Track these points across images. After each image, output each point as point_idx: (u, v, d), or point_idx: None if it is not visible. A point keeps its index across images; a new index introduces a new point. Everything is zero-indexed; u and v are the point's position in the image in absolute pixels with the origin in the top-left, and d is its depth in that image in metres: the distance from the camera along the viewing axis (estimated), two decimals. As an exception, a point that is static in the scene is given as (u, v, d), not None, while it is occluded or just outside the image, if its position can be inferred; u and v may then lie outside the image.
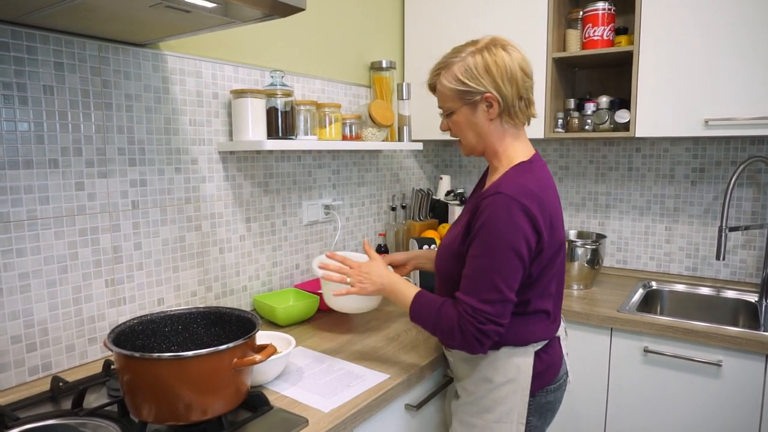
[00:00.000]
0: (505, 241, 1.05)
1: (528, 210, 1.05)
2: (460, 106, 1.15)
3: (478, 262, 1.07)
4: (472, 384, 1.20)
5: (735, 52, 1.63)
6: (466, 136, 1.18)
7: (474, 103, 1.13)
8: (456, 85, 1.13)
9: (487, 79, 1.11)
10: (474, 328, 1.06)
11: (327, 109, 1.66)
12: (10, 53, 1.10)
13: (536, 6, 1.91)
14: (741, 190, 1.97)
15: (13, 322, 1.14)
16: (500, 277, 1.06)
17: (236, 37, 1.56)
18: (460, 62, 1.12)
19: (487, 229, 1.06)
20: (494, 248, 1.05)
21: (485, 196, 1.09)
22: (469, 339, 1.07)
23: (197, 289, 1.51)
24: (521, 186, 1.08)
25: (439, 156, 2.61)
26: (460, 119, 1.17)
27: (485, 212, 1.07)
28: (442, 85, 1.16)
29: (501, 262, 1.05)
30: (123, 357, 0.89)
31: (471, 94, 1.12)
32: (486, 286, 1.06)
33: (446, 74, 1.14)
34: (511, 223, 1.05)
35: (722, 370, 1.51)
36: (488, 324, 1.06)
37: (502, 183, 1.09)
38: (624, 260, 2.22)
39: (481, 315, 1.06)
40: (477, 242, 1.08)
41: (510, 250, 1.05)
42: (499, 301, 1.06)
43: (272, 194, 1.71)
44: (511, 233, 1.05)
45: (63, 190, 1.20)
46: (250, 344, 0.97)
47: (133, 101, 1.31)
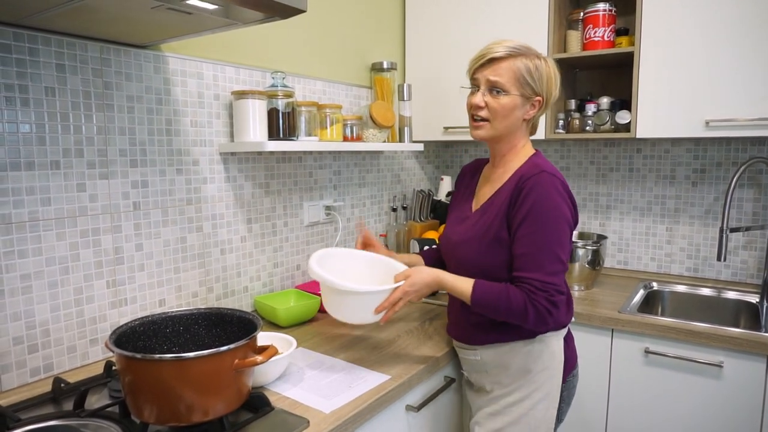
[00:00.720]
0: (559, 213, 1.13)
1: (566, 186, 1.17)
2: (517, 93, 1.19)
3: (536, 238, 1.12)
4: (509, 377, 1.24)
5: (736, 53, 1.63)
6: (501, 121, 1.21)
7: (527, 98, 1.21)
8: (526, 74, 1.18)
9: (545, 86, 1.21)
10: (547, 301, 1.10)
11: (328, 110, 1.66)
12: (12, 55, 1.10)
13: (537, 7, 1.91)
14: (742, 191, 1.97)
15: (14, 323, 1.14)
16: (560, 247, 1.13)
17: (237, 38, 1.56)
18: (536, 59, 1.20)
19: (540, 205, 1.12)
20: (551, 221, 1.12)
21: (528, 176, 1.15)
22: (543, 314, 1.11)
23: (198, 290, 1.51)
24: (553, 168, 1.19)
25: (439, 157, 2.61)
26: (507, 103, 1.20)
27: (535, 190, 1.13)
28: (515, 65, 1.18)
29: (559, 233, 1.13)
30: (124, 358, 0.89)
31: (530, 90, 1.20)
32: (549, 259, 1.12)
33: (525, 60, 1.19)
34: (560, 196, 1.14)
35: (723, 371, 1.51)
36: (557, 295, 1.11)
37: (538, 164, 1.18)
38: (625, 261, 2.21)
39: (550, 287, 1.11)
40: (531, 220, 1.12)
41: (564, 221, 1.14)
42: (561, 271, 1.14)
43: (273, 195, 1.72)
44: (562, 206, 1.14)
45: (64, 192, 1.20)
46: (252, 345, 0.97)
47: (134, 102, 1.32)
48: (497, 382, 1.26)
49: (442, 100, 2.15)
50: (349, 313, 1.22)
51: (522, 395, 1.23)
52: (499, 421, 1.24)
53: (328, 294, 1.23)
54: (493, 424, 1.25)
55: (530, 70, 1.18)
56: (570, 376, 1.29)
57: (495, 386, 1.26)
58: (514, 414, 1.23)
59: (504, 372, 1.25)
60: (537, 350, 1.22)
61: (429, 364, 1.30)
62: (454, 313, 1.34)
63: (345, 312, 1.22)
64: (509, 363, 1.23)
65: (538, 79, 1.19)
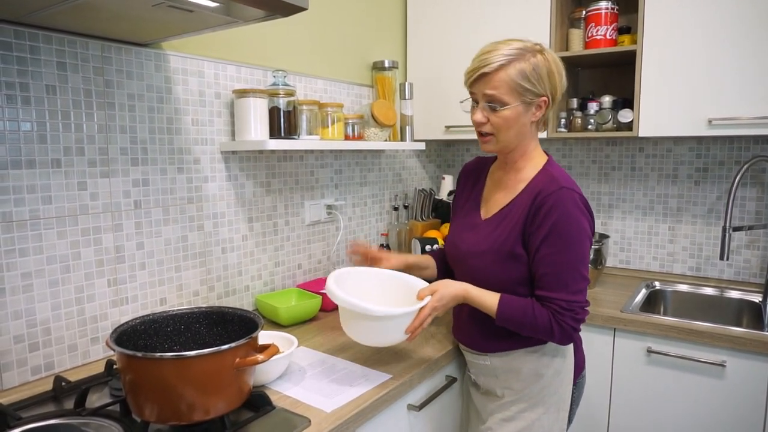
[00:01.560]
0: (582, 231, 1.11)
1: (584, 200, 1.14)
2: (516, 103, 1.13)
3: (561, 257, 1.10)
4: (520, 382, 1.23)
5: (738, 52, 1.62)
6: (508, 133, 1.16)
7: (529, 104, 1.14)
8: (522, 80, 1.11)
9: (547, 84, 1.13)
10: (572, 320, 1.11)
11: (329, 108, 1.66)
12: (13, 53, 1.10)
13: (539, 5, 1.91)
14: (745, 190, 1.96)
15: (15, 321, 1.14)
16: (583, 264, 1.13)
17: (239, 36, 1.56)
18: (530, 58, 1.11)
19: (563, 225, 1.10)
20: (574, 240, 1.10)
21: (548, 193, 1.11)
22: (568, 331, 1.11)
23: (199, 289, 1.51)
24: (570, 179, 1.16)
25: (441, 156, 2.61)
26: (509, 115, 1.13)
27: (556, 208, 1.10)
28: (509, 76, 1.10)
29: (582, 251, 1.12)
30: (125, 357, 0.89)
31: (531, 94, 1.13)
32: (574, 278, 1.11)
33: (516, 65, 1.10)
34: (581, 213, 1.11)
35: (726, 371, 1.50)
36: (582, 312, 1.12)
37: (555, 178, 1.14)
38: (627, 260, 2.21)
39: (576, 305, 1.11)
40: (553, 239, 1.10)
41: (587, 238, 1.13)
42: (585, 288, 1.13)
43: (274, 194, 1.71)
44: (583, 222, 1.12)
45: (65, 190, 1.20)
46: (253, 344, 0.97)
47: (135, 101, 1.31)
48: (508, 387, 1.24)
49: (444, 99, 2.15)
50: (378, 337, 1.16)
51: (535, 400, 1.22)
52: (513, 426, 1.22)
53: (353, 319, 1.14)
54: (506, 430, 1.23)
55: (526, 75, 1.10)
56: (580, 378, 1.30)
57: (506, 391, 1.25)
58: (527, 419, 1.21)
59: (515, 377, 1.23)
60: (549, 355, 1.21)
61: (430, 363, 1.29)
62: (462, 319, 1.31)
63: (372, 336, 1.16)
64: (520, 368, 1.22)
65: (538, 80, 1.11)
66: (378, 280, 1.29)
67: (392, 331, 1.14)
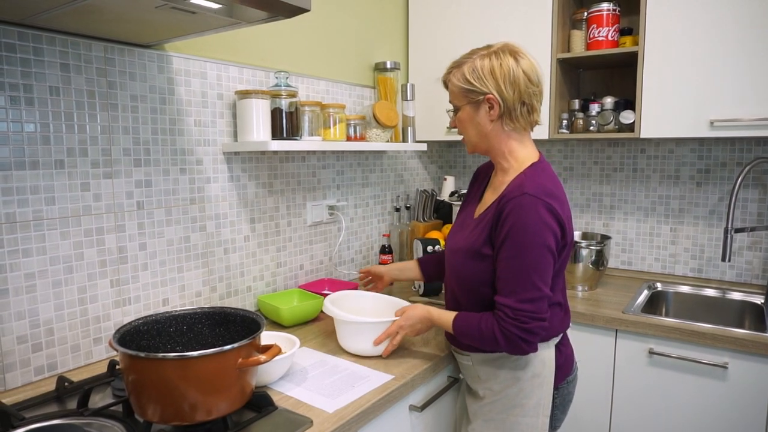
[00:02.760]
0: (538, 239, 1.09)
1: (552, 208, 1.11)
2: (464, 104, 1.21)
3: (513, 263, 1.10)
4: (499, 383, 1.22)
5: (740, 53, 1.62)
6: (468, 132, 1.24)
7: (477, 103, 1.19)
8: (462, 83, 1.19)
9: (490, 81, 1.16)
10: (517, 329, 1.09)
11: (331, 109, 1.66)
12: (17, 54, 1.10)
13: (541, 7, 1.91)
14: (747, 191, 1.96)
15: (18, 322, 1.14)
16: (537, 274, 1.10)
17: (241, 38, 1.56)
18: (470, 63, 1.19)
19: (517, 230, 1.09)
20: (528, 247, 1.09)
21: (510, 198, 1.12)
22: (514, 340, 1.10)
23: (202, 290, 1.51)
24: (542, 186, 1.13)
25: (443, 157, 2.61)
26: (463, 116, 1.22)
27: (513, 214, 1.10)
28: (452, 83, 1.22)
29: (536, 259, 1.09)
30: (128, 357, 0.89)
31: (474, 94, 1.18)
32: (524, 286, 1.09)
33: (457, 72, 1.21)
34: (540, 221, 1.09)
35: (728, 372, 1.50)
36: (531, 322, 1.09)
37: (524, 183, 1.13)
38: (629, 261, 2.21)
39: (522, 314, 1.09)
40: (508, 244, 1.11)
41: (543, 247, 1.10)
42: (538, 298, 1.10)
43: (276, 195, 1.72)
44: (541, 231, 1.09)
45: (69, 191, 1.20)
46: (255, 344, 0.97)
47: (138, 102, 1.32)
48: (488, 388, 1.24)
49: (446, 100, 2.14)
50: (352, 343, 1.32)
51: (512, 403, 1.21)
52: (492, 427, 1.22)
53: (337, 327, 1.35)
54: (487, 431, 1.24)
55: (466, 77, 1.18)
56: (563, 383, 1.27)
57: (487, 392, 1.24)
58: (506, 422, 1.21)
59: (494, 378, 1.23)
60: (525, 358, 1.20)
61: (432, 364, 1.29)
62: None
63: (348, 342, 1.33)
64: (498, 370, 1.22)
65: (479, 78, 1.16)
66: (373, 301, 1.50)
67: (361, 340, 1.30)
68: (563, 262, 1.21)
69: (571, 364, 1.30)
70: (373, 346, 1.30)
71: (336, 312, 1.31)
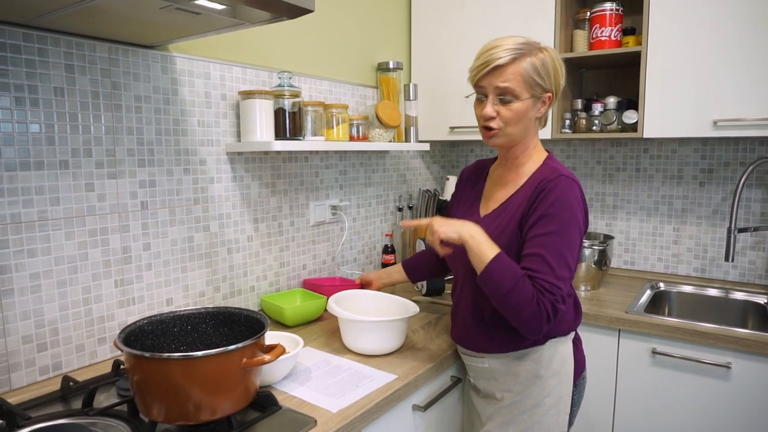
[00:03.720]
0: (575, 219, 1.10)
1: (582, 192, 1.15)
2: (527, 96, 1.14)
3: (551, 240, 1.08)
4: (519, 383, 1.21)
5: (744, 53, 1.62)
6: (515, 126, 1.17)
7: (537, 99, 1.16)
8: (534, 74, 1.13)
9: (554, 80, 1.16)
10: (551, 305, 1.06)
11: (334, 109, 1.66)
12: (22, 55, 1.11)
13: (543, 6, 1.91)
14: (750, 191, 1.96)
15: (24, 322, 1.15)
16: (571, 254, 1.09)
17: (244, 38, 1.57)
18: (538, 54, 1.14)
19: (559, 207, 1.09)
20: (567, 225, 1.09)
21: (549, 179, 1.12)
22: (542, 316, 1.05)
23: (205, 290, 1.51)
24: (570, 172, 1.16)
25: (445, 157, 2.61)
26: (520, 108, 1.14)
27: (554, 192, 1.10)
28: (522, 68, 1.12)
29: (572, 239, 1.09)
30: (133, 357, 0.89)
31: (540, 90, 1.15)
32: (560, 263, 1.07)
33: (525, 60, 1.12)
34: (576, 202, 1.11)
35: (731, 372, 1.50)
36: (561, 301, 1.07)
37: (556, 168, 1.16)
38: (632, 261, 2.21)
39: (558, 293, 1.06)
40: (547, 221, 1.09)
41: (576, 227, 1.10)
42: (569, 279, 1.09)
43: (280, 195, 1.72)
44: (577, 212, 1.11)
45: (73, 191, 1.21)
46: (259, 344, 0.98)
47: (142, 102, 1.32)
48: (507, 389, 1.23)
49: (448, 100, 2.15)
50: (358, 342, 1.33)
51: (534, 402, 1.20)
52: (513, 429, 1.21)
53: (342, 326, 1.36)
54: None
55: (537, 69, 1.13)
56: (580, 379, 1.28)
57: (505, 394, 1.23)
58: (527, 422, 1.20)
59: (514, 379, 1.22)
60: (547, 356, 1.19)
61: (435, 363, 1.29)
62: (461, 319, 1.29)
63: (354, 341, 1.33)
64: (519, 370, 1.21)
65: (546, 75, 1.14)
66: (375, 300, 1.51)
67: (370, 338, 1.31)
68: None
69: (584, 359, 1.31)
70: (377, 345, 1.30)
71: (340, 312, 1.32)
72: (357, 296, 1.50)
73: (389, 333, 1.31)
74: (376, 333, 1.30)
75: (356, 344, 1.32)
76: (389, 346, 1.32)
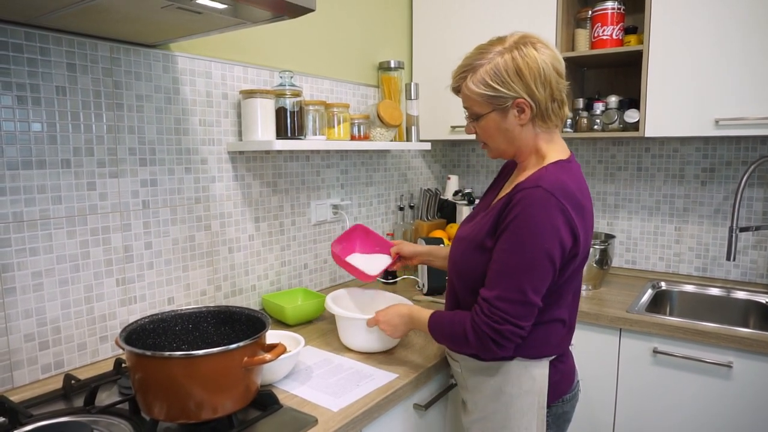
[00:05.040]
0: (539, 240, 0.97)
1: (566, 210, 0.98)
2: (488, 112, 1.07)
3: (504, 257, 1.00)
4: (484, 399, 1.14)
5: (745, 52, 1.61)
6: (495, 141, 1.11)
7: (504, 109, 1.05)
8: (484, 90, 1.04)
9: (518, 83, 1.02)
10: (488, 327, 1.00)
11: (335, 109, 1.66)
12: (24, 54, 1.11)
13: (545, 5, 1.91)
14: (752, 190, 1.95)
15: (26, 320, 1.15)
16: (526, 278, 0.98)
17: (246, 37, 1.57)
18: (487, 64, 1.04)
19: (520, 224, 0.98)
20: (526, 246, 0.98)
21: (521, 188, 1.01)
22: (484, 339, 1.01)
23: (207, 289, 1.52)
24: (561, 184, 1.00)
25: (446, 156, 2.61)
26: (488, 125, 1.09)
27: (520, 204, 0.99)
28: (469, 90, 1.07)
29: (531, 262, 0.98)
30: (135, 355, 0.89)
31: (501, 99, 1.04)
32: (509, 285, 0.99)
33: (473, 77, 1.05)
34: (548, 221, 0.97)
35: (733, 372, 1.50)
36: (504, 324, 0.99)
37: (541, 177, 1.02)
38: (633, 260, 2.20)
39: (496, 314, 0.99)
40: (507, 236, 1.00)
41: (542, 253, 0.98)
42: (519, 302, 0.99)
43: (281, 194, 1.72)
44: (547, 233, 0.97)
45: (75, 190, 1.21)
46: (260, 343, 0.98)
47: (143, 102, 1.32)
48: (474, 401, 1.16)
49: (450, 99, 2.14)
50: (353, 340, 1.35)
51: (500, 421, 1.11)
52: None
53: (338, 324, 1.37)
54: None
55: (487, 81, 1.03)
56: (558, 402, 1.14)
57: (473, 406, 1.16)
58: None
59: (478, 391, 1.14)
60: (514, 373, 1.09)
61: (436, 363, 1.30)
62: None
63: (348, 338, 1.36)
64: (484, 381, 1.13)
65: (502, 83, 1.02)
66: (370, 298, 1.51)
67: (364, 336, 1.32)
68: (574, 276, 1.08)
69: (569, 381, 1.17)
70: (372, 343, 1.32)
71: (336, 309, 1.33)
72: (355, 294, 1.51)
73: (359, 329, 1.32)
74: (372, 331, 1.30)
75: (353, 342, 1.34)
76: (385, 344, 1.33)
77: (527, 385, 1.09)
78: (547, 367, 1.11)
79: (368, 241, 1.57)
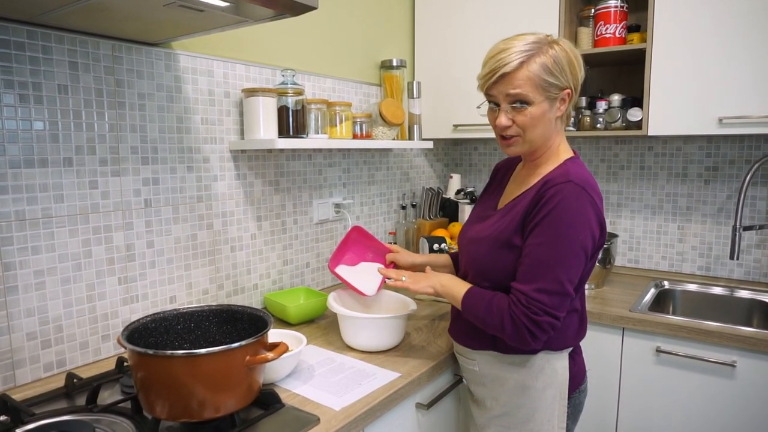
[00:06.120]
0: (574, 232, 1.02)
1: (594, 203, 1.04)
2: (541, 99, 1.06)
3: (541, 250, 1.03)
4: (506, 394, 1.16)
5: (749, 50, 1.61)
6: (535, 131, 1.09)
7: (553, 99, 1.08)
8: (546, 75, 1.04)
9: (569, 74, 1.07)
10: (527, 318, 1.02)
11: (338, 107, 1.66)
12: (26, 53, 1.11)
13: (548, 4, 1.90)
14: (755, 189, 1.95)
15: (28, 318, 1.15)
16: (563, 269, 1.02)
17: (248, 36, 1.56)
18: (545, 52, 1.05)
19: (555, 217, 1.02)
20: (562, 238, 1.02)
21: (554, 183, 1.04)
22: (521, 330, 1.02)
23: (209, 287, 1.52)
24: (586, 178, 1.06)
25: (449, 155, 2.60)
26: (536, 113, 1.07)
27: (554, 199, 1.02)
28: (532, 72, 1.04)
29: (566, 253, 1.02)
30: (137, 354, 0.89)
31: (556, 89, 1.06)
32: (546, 276, 1.02)
33: (534, 61, 1.04)
34: (581, 214, 1.02)
35: (736, 371, 1.49)
36: (543, 315, 1.01)
37: (569, 172, 1.06)
38: (636, 259, 2.20)
39: (535, 305, 1.01)
40: (541, 230, 1.03)
41: (577, 244, 1.02)
42: (556, 293, 1.02)
43: (283, 193, 1.72)
44: (580, 225, 1.02)
45: (77, 189, 1.21)
46: (263, 342, 0.98)
47: (145, 100, 1.32)
48: (495, 398, 1.18)
49: (452, 98, 2.14)
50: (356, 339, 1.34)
51: (524, 416, 1.15)
52: None
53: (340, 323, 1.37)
54: None
55: (549, 68, 1.04)
56: (576, 392, 1.19)
57: (494, 403, 1.19)
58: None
59: (500, 387, 1.17)
60: (537, 366, 1.13)
61: (439, 362, 1.29)
62: (454, 310, 1.27)
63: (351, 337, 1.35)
64: (506, 377, 1.16)
65: (560, 72, 1.05)
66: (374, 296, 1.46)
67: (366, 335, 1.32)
68: (590, 267, 1.12)
69: (583, 373, 1.23)
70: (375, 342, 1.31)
71: (339, 308, 1.33)
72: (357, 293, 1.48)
73: (387, 330, 1.32)
74: (373, 330, 1.30)
75: (354, 341, 1.34)
76: (387, 342, 1.33)
77: (550, 378, 1.13)
78: (567, 359, 1.15)
79: (361, 246, 1.52)
